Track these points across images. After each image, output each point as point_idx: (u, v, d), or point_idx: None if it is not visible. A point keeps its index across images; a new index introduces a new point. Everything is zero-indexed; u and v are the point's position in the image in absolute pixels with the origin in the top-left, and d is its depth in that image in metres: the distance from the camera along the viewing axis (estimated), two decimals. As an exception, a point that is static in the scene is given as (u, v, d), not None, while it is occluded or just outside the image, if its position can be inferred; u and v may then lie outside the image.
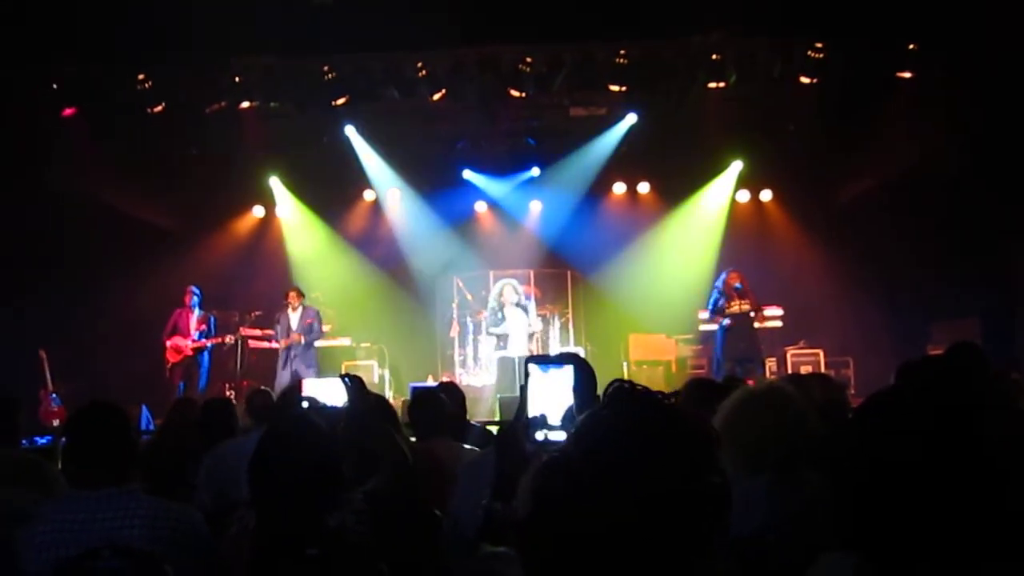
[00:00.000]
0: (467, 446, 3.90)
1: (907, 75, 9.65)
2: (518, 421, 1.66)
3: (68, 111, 10.40)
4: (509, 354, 10.25)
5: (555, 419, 1.68)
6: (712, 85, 10.13)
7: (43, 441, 7.91)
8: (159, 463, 3.36)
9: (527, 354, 10.40)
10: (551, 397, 1.68)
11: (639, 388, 1.17)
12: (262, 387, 4.98)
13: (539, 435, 1.65)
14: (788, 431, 2.33)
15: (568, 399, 1.68)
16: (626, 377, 11.00)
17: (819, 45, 9.58)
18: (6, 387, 5.74)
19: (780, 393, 2.47)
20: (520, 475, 1.57)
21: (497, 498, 1.68)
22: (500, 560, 1.29)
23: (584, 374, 1.76)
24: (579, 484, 1.08)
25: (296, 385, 3.52)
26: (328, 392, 3.21)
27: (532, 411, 1.68)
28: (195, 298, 10.08)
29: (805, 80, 9.85)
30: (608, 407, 1.15)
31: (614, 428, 1.12)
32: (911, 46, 9.52)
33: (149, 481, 2.97)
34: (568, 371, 1.70)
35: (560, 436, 1.65)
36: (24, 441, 4.78)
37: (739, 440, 2.27)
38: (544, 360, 1.71)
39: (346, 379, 2.95)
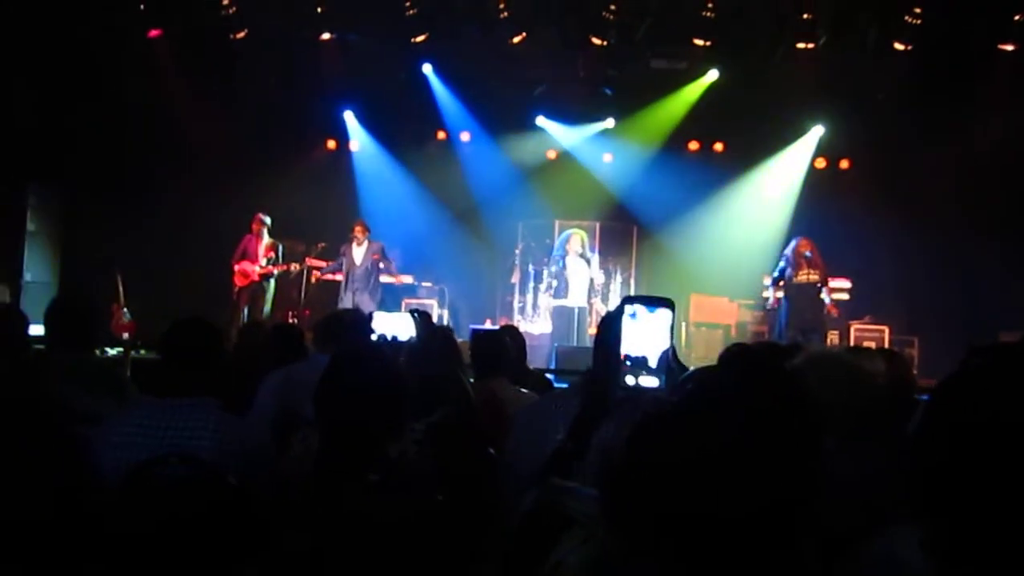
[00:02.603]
0: (524, 390, 3.93)
1: (1009, 48, 9.21)
2: (608, 363, 1.61)
3: (153, 32, 10.57)
4: (567, 304, 10.23)
5: (650, 357, 1.62)
6: (800, 45, 9.82)
7: (114, 352, 8.22)
8: (230, 383, 3.46)
9: (585, 305, 10.39)
10: (644, 340, 1.62)
11: (762, 355, 1.15)
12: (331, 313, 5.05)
13: (629, 379, 1.60)
14: (857, 397, 2.29)
15: (662, 343, 1.62)
16: (682, 339, 10.98)
17: (918, 10, 9.17)
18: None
19: (848, 359, 2.44)
20: (602, 419, 1.57)
21: (571, 439, 1.66)
22: (567, 494, 1.29)
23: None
24: (684, 443, 1.07)
25: (367, 315, 3.57)
26: (395, 326, 3.24)
27: (625, 350, 1.61)
28: (264, 227, 10.24)
29: (899, 46, 9.48)
30: (731, 370, 1.13)
31: (735, 393, 1.11)
32: (1016, 17, 9.06)
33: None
34: (664, 315, 1.63)
35: (652, 382, 1.59)
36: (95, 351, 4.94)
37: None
38: (642, 301, 1.64)
39: (415, 314, 2.98)
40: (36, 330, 3.84)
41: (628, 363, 1.59)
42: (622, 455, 1.11)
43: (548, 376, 6.31)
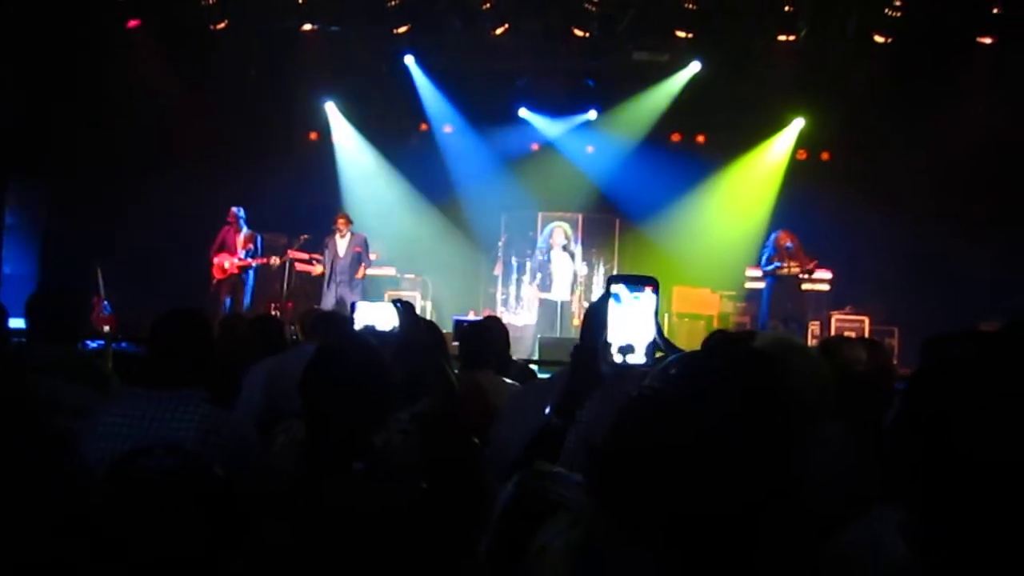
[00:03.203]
0: (509, 381, 3.94)
1: (987, 40, 9.29)
2: (596, 340, 1.62)
3: (132, 23, 10.47)
4: (551, 297, 10.25)
5: (633, 342, 1.63)
6: (782, 38, 9.86)
7: (94, 345, 8.16)
8: (216, 375, 3.45)
9: (569, 299, 10.42)
10: (629, 321, 1.63)
11: (745, 342, 1.17)
12: (315, 306, 5.04)
13: (616, 357, 1.61)
14: (811, 385, 2.31)
15: (648, 325, 1.64)
16: (665, 329, 11.04)
17: (898, 3, 9.24)
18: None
19: (804, 347, 2.46)
20: (589, 393, 1.58)
21: (559, 414, 1.67)
22: (549, 479, 1.31)
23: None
24: (668, 429, 1.08)
25: (351, 306, 3.57)
26: (378, 316, 3.25)
27: (612, 335, 1.63)
28: (239, 219, 10.19)
29: (879, 39, 9.54)
30: (717, 357, 1.15)
31: (722, 380, 1.12)
32: (995, 10, 9.14)
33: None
34: (649, 295, 1.65)
35: (639, 360, 1.62)
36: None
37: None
38: (629, 280, 1.65)
39: (398, 304, 2.99)
40: (16, 323, 3.81)
41: (613, 348, 1.61)
42: (606, 440, 1.12)
43: (532, 367, 6.33)
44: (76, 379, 3.35)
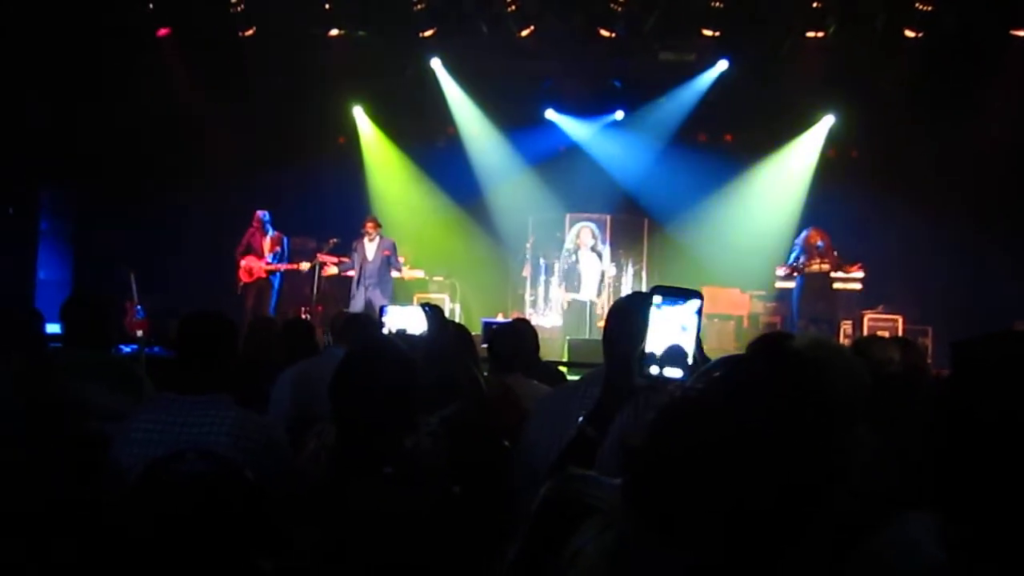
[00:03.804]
0: (539, 384, 3.93)
1: (1021, 33, 9.14)
2: (634, 351, 1.59)
3: (162, 31, 10.60)
4: (580, 298, 10.23)
5: (671, 355, 1.59)
6: (810, 34, 9.77)
7: (128, 349, 8.27)
8: (242, 378, 3.48)
9: (596, 299, 10.39)
10: (670, 331, 1.60)
11: (793, 346, 1.15)
12: (344, 310, 5.06)
13: (653, 369, 1.58)
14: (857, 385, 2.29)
15: (688, 337, 1.60)
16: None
17: (928, -3, 9.13)
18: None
19: (842, 349, 2.44)
20: (622, 406, 1.56)
21: (592, 424, 1.66)
22: (583, 482, 1.30)
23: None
24: (710, 429, 1.06)
25: (380, 310, 3.58)
26: (408, 320, 3.25)
27: (650, 347, 1.59)
28: (265, 223, 10.26)
29: (910, 34, 9.42)
30: (761, 359, 1.13)
31: (764, 381, 1.10)
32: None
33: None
34: (692, 306, 1.61)
35: (676, 373, 1.58)
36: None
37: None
38: (670, 292, 1.61)
39: (427, 308, 2.99)
40: (51, 328, 3.87)
41: (648, 360, 1.57)
42: (645, 440, 1.11)
43: (561, 369, 6.32)
44: (110, 383, 3.39)
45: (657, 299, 1.61)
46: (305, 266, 10.47)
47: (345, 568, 2.21)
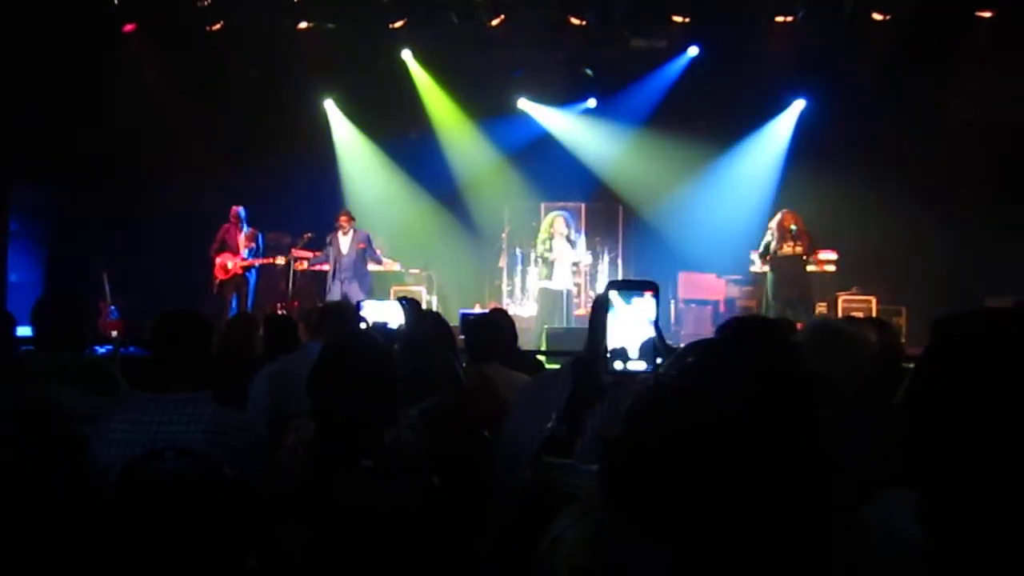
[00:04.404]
0: (518, 373, 3.93)
1: (987, 14, 9.23)
2: (596, 349, 1.61)
3: (128, 27, 10.47)
4: (553, 286, 10.24)
5: (633, 349, 1.62)
6: (779, 19, 9.82)
7: (102, 350, 8.18)
8: (221, 374, 3.46)
9: (571, 287, 10.41)
10: (629, 325, 1.62)
11: (760, 326, 1.16)
12: (319, 304, 5.04)
13: (617, 365, 1.60)
14: (859, 368, 2.32)
15: (646, 331, 1.61)
16: (671, 316, 11.03)
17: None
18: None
19: (854, 331, 2.46)
20: (593, 403, 1.57)
21: (564, 421, 1.67)
22: (561, 471, 1.30)
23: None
24: (685, 416, 1.07)
25: (355, 304, 3.57)
26: (384, 313, 3.25)
27: (611, 341, 1.61)
28: (242, 219, 10.19)
29: (877, 16, 9.49)
30: (729, 342, 1.14)
31: (734, 364, 1.11)
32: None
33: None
34: (649, 299, 1.63)
35: (640, 366, 1.60)
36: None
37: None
38: (626, 286, 1.63)
39: (403, 302, 2.99)
40: (23, 331, 3.82)
41: (611, 356, 1.59)
42: (620, 429, 1.11)
43: (539, 358, 6.33)
44: (84, 385, 3.35)
45: (613, 294, 1.63)
46: (281, 260, 10.41)
47: (330, 563, 2.21)
